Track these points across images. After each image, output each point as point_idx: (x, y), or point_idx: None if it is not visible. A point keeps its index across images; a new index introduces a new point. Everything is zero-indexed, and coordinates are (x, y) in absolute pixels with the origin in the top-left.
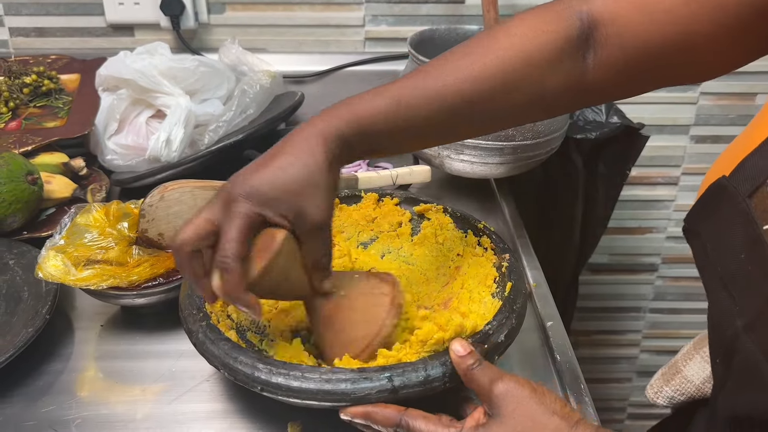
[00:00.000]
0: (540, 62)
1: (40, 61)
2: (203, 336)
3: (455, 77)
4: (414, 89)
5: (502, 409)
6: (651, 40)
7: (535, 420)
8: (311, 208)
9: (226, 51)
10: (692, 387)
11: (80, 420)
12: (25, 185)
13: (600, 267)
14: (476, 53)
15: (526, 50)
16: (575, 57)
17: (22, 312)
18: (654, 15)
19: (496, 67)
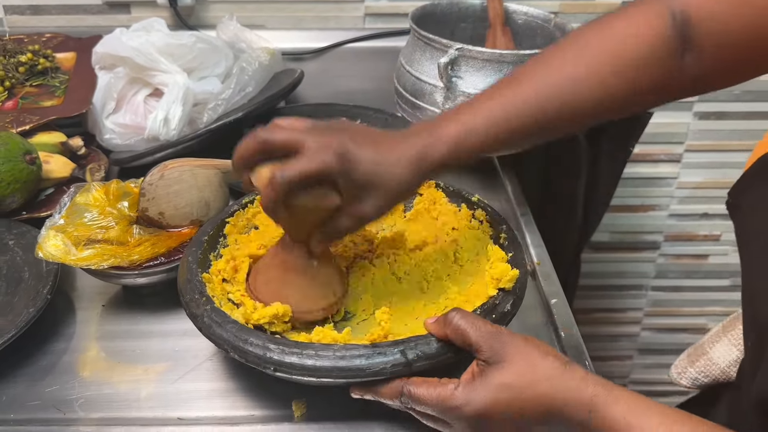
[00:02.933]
0: (635, 63)
1: (35, 39)
2: (209, 320)
3: (553, 85)
4: (514, 106)
5: (501, 355)
6: (745, 33)
7: (533, 362)
8: (373, 204)
9: (224, 28)
10: (717, 369)
11: (83, 399)
12: (23, 165)
13: (602, 245)
14: (570, 58)
15: (625, 51)
16: (670, 55)
17: (23, 292)
18: (746, 7)
19: (591, 73)
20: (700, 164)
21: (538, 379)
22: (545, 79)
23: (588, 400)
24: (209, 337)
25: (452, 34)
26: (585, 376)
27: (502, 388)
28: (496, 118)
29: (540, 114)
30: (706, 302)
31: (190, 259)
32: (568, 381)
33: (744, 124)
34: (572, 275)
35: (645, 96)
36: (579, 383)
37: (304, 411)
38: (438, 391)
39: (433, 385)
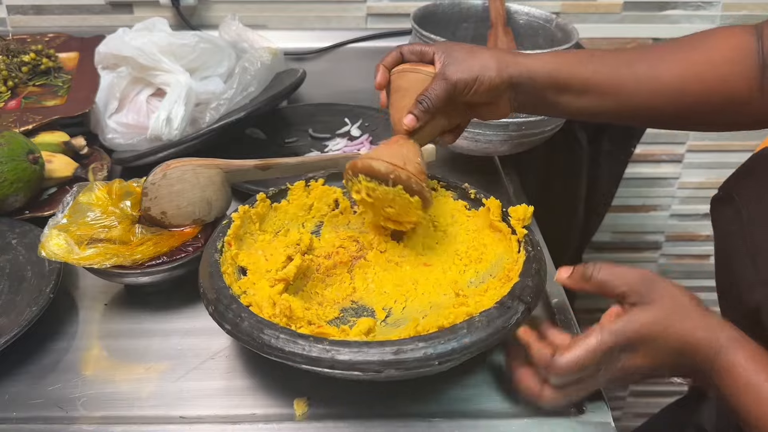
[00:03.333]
0: (723, 60)
1: (37, 39)
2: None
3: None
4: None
5: (651, 295)
6: None
7: (685, 306)
8: (455, 68)
9: (226, 27)
10: None
11: (86, 398)
12: (26, 164)
13: (603, 245)
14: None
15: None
16: (754, 70)
17: (25, 291)
18: None
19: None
20: (701, 164)
21: (684, 316)
22: (640, 56)
23: (720, 342)
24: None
25: (454, 34)
26: (721, 322)
27: (655, 321)
28: (586, 56)
29: (630, 76)
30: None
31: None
32: (707, 323)
33: None
34: None
35: (732, 102)
36: (715, 327)
37: (306, 410)
38: (586, 344)
39: (577, 344)
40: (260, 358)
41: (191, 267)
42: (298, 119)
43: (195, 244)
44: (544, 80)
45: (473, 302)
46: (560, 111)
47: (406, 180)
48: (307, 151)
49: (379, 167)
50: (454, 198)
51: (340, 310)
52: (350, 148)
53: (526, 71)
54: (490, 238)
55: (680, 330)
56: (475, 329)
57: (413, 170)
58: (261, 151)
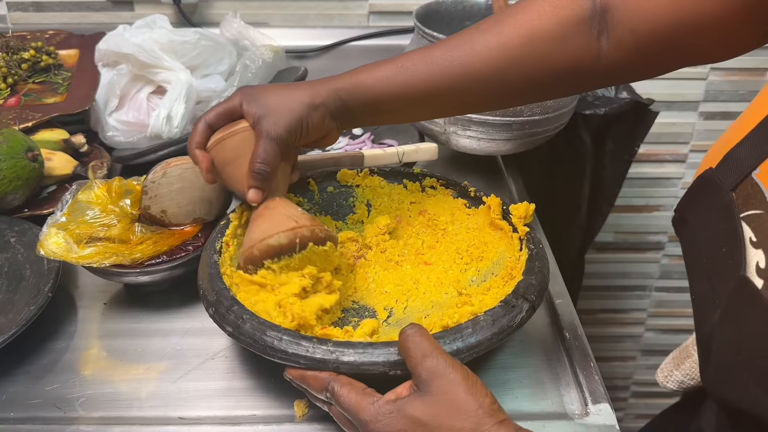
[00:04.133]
0: (547, 40)
1: (37, 36)
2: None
3: (461, 51)
4: (420, 59)
5: (429, 386)
6: (660, 22)
7: (459, 407)
8: (271, 119)
9: (227, 25)
10: None
11: (84, 398)
12: (25, 162)
13: (606, 245)
14: (484, 31)
15: (534, 28)
16: (587, 37)
17: (24, 290)
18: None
19: (498, 43)
20: None
21: (455, 426)
22: (460, 47)
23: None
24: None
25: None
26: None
27: (415, 421)
28: (401, 62)
29: (444, 80)
30: None
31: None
32: (479, 422)
33: None
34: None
35: (561, 76)
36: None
37: (306, 411)
38: (358, 399)
39: (356, 391)
40: (260, 359)
41: (191, 266)
42: None
43: (195, 243)
44: (359, 107)
45: (477, 301)
46: (391, 122)
47: (311, 234)
48: (308, 150)
49: (279, 241)
50: (454, 196)
51: (342, 311)
52: (352, 147)
53: (338, 100)
54: (491, 236)
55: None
56: (481, 328)
57: (307, 221)
58: None
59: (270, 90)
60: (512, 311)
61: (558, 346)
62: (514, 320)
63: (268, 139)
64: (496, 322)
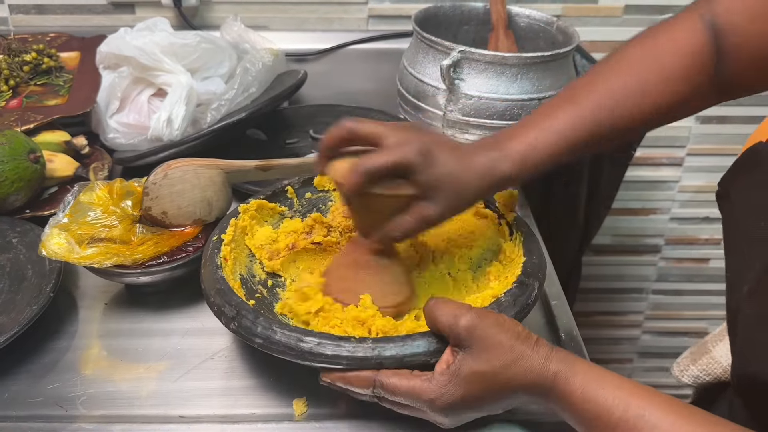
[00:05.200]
0: (679, 74)
1: (39, 38)
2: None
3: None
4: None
5: (470, 341)
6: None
7: (502, 345)
8: (441, 201)
9: (227, 28)
10: (719, 368)
11: (85, 397)
12: (27, 163)
13: (603, 248)
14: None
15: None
16: (708, 66)
17: (26, 290)
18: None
19: (640, 84)
20: (701, 168)
21: (507, 363)
22: (600, 93)
23: (551, 376)
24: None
25: (455, 36)
26: (549, 354)
27: (474, 377)
28: (557, 135)
29: (596, 128)
30: (706, 306)
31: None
32: (534, 360)
33: (745, 128)
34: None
35: (688, 104)
36: (544, 362)
37: (305, 410)
38: (411, 383)
39: (406, 377)
40: (259, 358)
41: (192, 267)
42: (299, 120)
43: (195, 244)
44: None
45: (496, 285)
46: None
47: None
48: (308, 152)
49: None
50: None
51: None
52: None
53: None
54: (477, 225)
55: (508, 378)
56: (504, 309)
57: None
58: (262, 152)
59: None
60: (527, 290)
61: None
62: (530, 298)
63: (421, 220)
64: (517, 301)
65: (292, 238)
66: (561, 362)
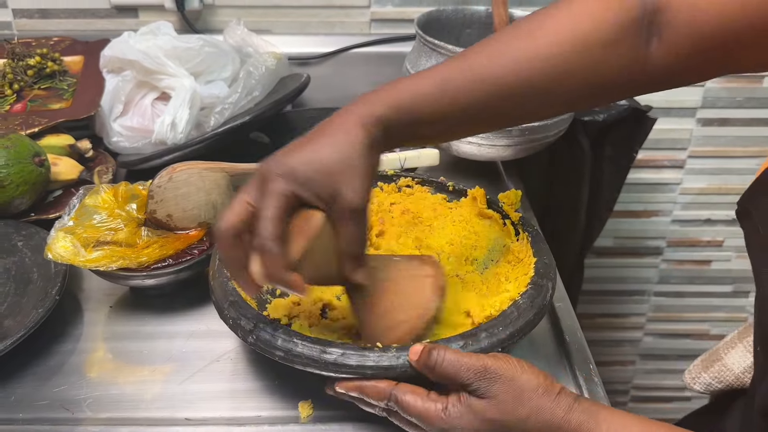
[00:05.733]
0: (596, 44)
1: (42, 43)
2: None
3: (507, 59)
4: (461, 71)
5: (490, 392)
6: (715, 25)
7: (523, 396)
8: (347, 190)
9: (230, 32)
10: (731, 375)
11: (91, 399)
12: (32, 167)
13: (605, 250)
14: (528, 35)
15: (583, 31)
16: (636, 41)
17: (31, 293)
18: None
19: (549, 49)
20: (703, 170)
21: (526, 416)
22: (505, 55)
23: (573, 429)
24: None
25: (458, 40)
26: (571, 406)
27: (489, 423)
28: (445, 79)
29: (494, 88)
30: (708, 308)
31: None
32: (554, 413)
33: (747, 130)
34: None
35: (609, 81)
36: (565, 414)
37: (311, 412)
38: (426, 406)
39: (422, 398)
40: (264, 361)
41: (196, 270)
42: (303, 123)
43: (200, 246)
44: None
45: (509, 286)
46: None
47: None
48: None
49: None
50: (432, 192)
51: None
52: None
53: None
54: (481, 225)
55: (525, 430)
56: (523, 311)
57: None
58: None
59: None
60: (542, 291)
61: (558, 350)
62: (546, 299)
63: (355, 214)
64: (534, 303)
65: None
66: (584, 413)
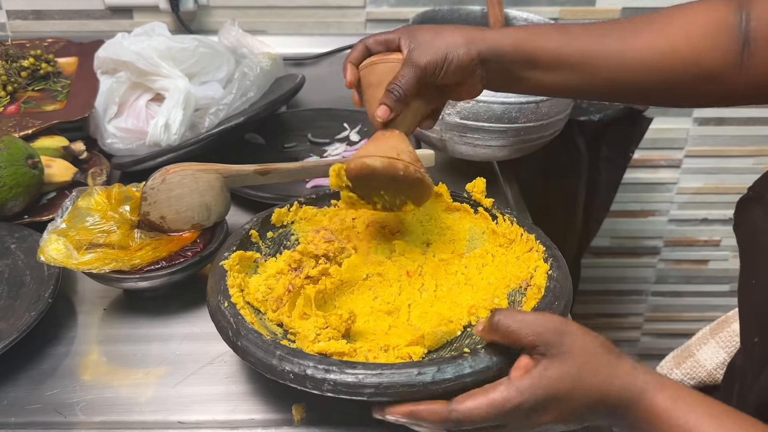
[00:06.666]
0: (701, 36)
1: (36, 44)
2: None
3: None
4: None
5: (559, 347)
6: None
7: (591, 352)
8: (418, 51)
9: (225, 33)
10: (704, 372)
11: (84, 403)
12: (25, 169)
13: (602, 250)
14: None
15: (689, 23)
16: (734, 43)
17: (24, 296)
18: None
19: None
20: (699, 170)
21: (596, 369)
22: (611, 30)
23: (639, 388)
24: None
25: None
26: (636, 366)
27: (565, 377)
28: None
29: (599, 52)
30: (706, 307)
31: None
32: (620, 369)
33: (743, 129)
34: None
35: (707, 77)
36: (631, 370)
37: (304, 415)
38: (490, 397)
39: (481, 395)
40: None
41: (190, 272)
42: (298, 124)
43: (194, 248)
44: (511, 55)
45: (538, 278)
46: (531, 87)
47: (405, 169)
48: (307, 156)
49: (374, 164)
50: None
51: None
52: (349, 153)
53: (493, 46)
54: (451, 219)
55: (592, 384)
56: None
57: (408, 158)
58: (260, 156)
59: (430, 28)
60: (559, 261)
61: None
62: (567, 270)
63: (410, 65)
64: (562, 271)
65: (285, 279)
66: (648, 374)
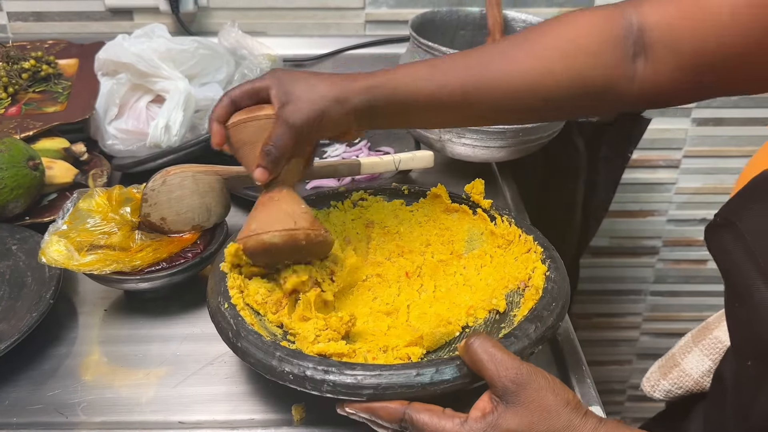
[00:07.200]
0: (581, 55)
1: (37, 46)
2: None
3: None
4: (453, 64)
5: (518, 397)
6: (698, 46)
7: (550, 411)
8: (292, 107)
9: (225, 34)
10: (690, 380)
11: (86, 403)
12: (26, 170)
13: (601, 250)
14: (519, 44)
15: (569, 41)
16: (622, 56)
17: (25, 297)
18: (707, 23)
19: (535, 55)
20: (698, 170)
21: (550, 428)
22: (491, 56)
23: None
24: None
25: (452, 41)
26: (597, 427)
27: (518, 429)
28: (429, 73)
29: (478, 88)
30: (704, 307)
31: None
32: (576, 427)
33: (742, 130)
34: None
35: (594, 94)
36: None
37: (304, 415)
38: (443, 424)
39: (437, 415)
40: None
41: (190, 273)
42: None
43: (194, 250)
44: (385, 107)
45: (518, 266)
46: (417, 126)
47: (306, 238)
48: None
49: (272, 240)
50: (387, 200)
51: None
52: (349, 154)
53: (366, 99)
54: (449, 220)
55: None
56: (555, 281)
57: (306, 223)
58: None
59: (300, 78)
60: (558, 262)
61: (550, 350)
62: (564, 270)
63: (285, 125)
64: (560, 272)
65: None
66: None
